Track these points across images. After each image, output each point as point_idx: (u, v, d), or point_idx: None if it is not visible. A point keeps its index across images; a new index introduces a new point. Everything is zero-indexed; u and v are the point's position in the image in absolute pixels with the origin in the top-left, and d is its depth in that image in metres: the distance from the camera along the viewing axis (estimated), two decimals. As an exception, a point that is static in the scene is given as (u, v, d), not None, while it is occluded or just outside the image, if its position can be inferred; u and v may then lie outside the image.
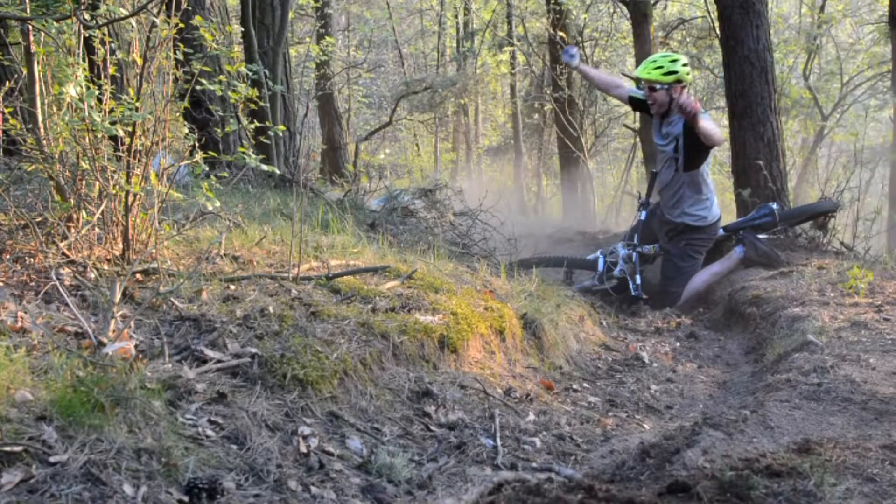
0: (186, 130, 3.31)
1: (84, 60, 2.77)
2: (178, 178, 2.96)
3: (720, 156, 15.10)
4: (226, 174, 3.25)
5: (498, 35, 14.95)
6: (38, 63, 2.63)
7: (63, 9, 2.88)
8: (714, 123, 4.74)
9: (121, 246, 2.65)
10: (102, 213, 2.64)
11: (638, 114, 13.80)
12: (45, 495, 1.37)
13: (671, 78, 4.71)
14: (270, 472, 1.72)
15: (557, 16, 11.86)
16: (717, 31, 7.05)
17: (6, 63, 3.58)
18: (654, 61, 4.78)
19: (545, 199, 16.68)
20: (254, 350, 2.14)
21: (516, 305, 3.39)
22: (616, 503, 1.61)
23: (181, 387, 1.87)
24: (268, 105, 5.64)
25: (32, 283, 2.33)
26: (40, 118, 2.61)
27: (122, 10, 3.06)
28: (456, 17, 16.26)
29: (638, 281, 4.92)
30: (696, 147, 4.68)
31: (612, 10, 12.96)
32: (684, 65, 4.76)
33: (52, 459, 1.45)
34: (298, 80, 11.04)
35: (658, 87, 4.74)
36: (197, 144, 3.01)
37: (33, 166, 2.69)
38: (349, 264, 3.20)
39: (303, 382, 2.10)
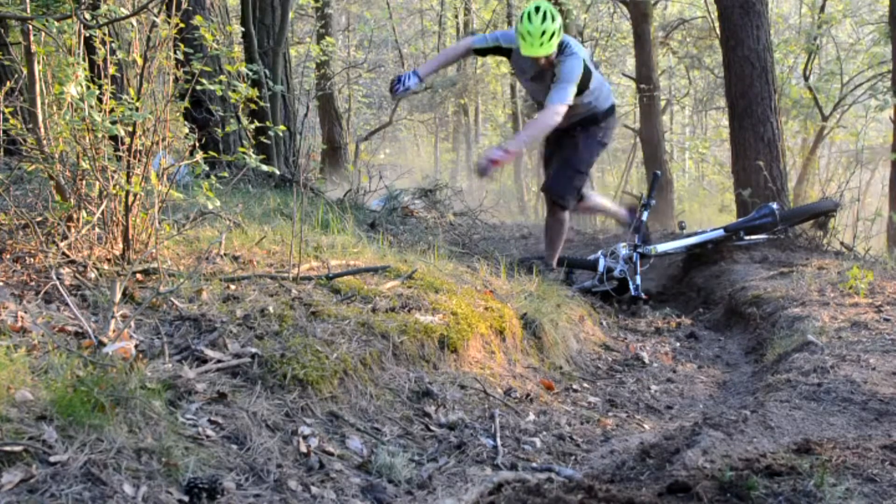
0: (186, 130, 3.30)
1: (84, 60, 2.77)
2: (178, 178, 2.95)
3: (720, 156, 15.14)
4: (226, 174, 3.24)
5: (498, 35, 14.92)
6: (38, 63, 2.62)
7: (63, 9, 2.89)
8: (534, 129, 4.55)
9: (121, 246, 2.65)
10: (102, 213, 2.64)
11: (638, 114, 13.74)
12: (45, 495, 1.37)
13: (557, 43, 4.33)
14: (270, 472, 1.72)
15: (557, 16, 11.83)
16: (717, 31, 7.05)
17: (6, 63, 3.58)
18: (541, 33, 4.22)
19: (545, 199, 16.63)
20: (254, 350, 2.14)
21: (516, 305, 3.39)
22: (616, 503, 1.61)
23: (181, 387, 1.87)
24: (268, 105, 5.64)
25: (32, 283, 2.32)
26: (40, 118, 2.61)
27: (122, 9, 3.07)
28: (456, 17, 16.26)
29: (638, 281, 4.91)
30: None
31: (612, 10, 12.97)
32: (553, 19, 4.26)
33: (52, 459, 1.45)
34: (298, 80, 11.05)
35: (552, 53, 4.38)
36: (197, 144, 3.00)
37: (33, 166, 2.69)
38: (349, 264, 3.20)
39: (303, 382, 2.10)
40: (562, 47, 4.41)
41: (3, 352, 1.73)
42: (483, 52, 4.88)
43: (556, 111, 4.33)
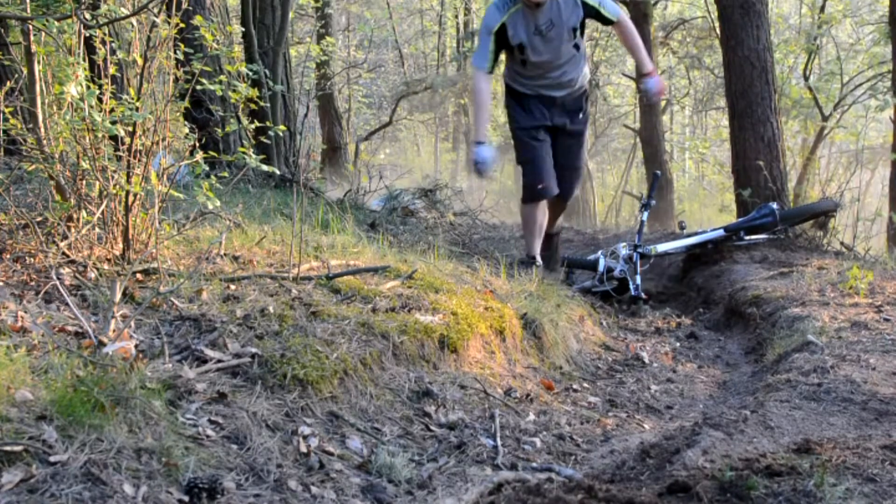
0: (186, 130, 3.31)
1: (84, 60, 2.77)
2: (178, 178, 2.96)
3: (720, 156, 15.15)
4: (226, 174, 3.24)
5: (498, 35, 14.92)
6: (38, 63, 2.62)
7: (64, 8, 2.89)
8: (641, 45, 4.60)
9: (121, 246, 2.65)
10: (103, 213, 2.64)
11: (638, 114, 13.74)
12: (45, 495, 1.37)
13: None
14: (270, 472, 1.72)
15: (557, 16, 11.84)
16: (717, 31, 7.05)
17: (6, 63, 3.59)
18: None
19: (545, 199, 16.63)
20: (254, 350, 2.14)
21: (516, 305, 3.39)
22: (616, 503, 1.61)
23: (181, 387, 1.87)
24: (268, 105, 5.64)
25: (32, 283, 2.33)
26: (41, 118, 2.61)
27: (122, 9, 3.06)
28: (456, 17, 16.27)
29: (638, 281, 4.91)
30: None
31: (612, 11, 12.93)
32: None
33: (52, 459, 1.45)
34: (298, 80, 11.06)
35: None
36: (197, 144, 3.01)
37: (33, 166, 2.69)
38: (349, 264, 3.20)
39: (303, 382, 2.10)
40: None
41: (3, 352, 1.73)
42: (495, 61, 4.67)
43: (628, 20, 4.46)
